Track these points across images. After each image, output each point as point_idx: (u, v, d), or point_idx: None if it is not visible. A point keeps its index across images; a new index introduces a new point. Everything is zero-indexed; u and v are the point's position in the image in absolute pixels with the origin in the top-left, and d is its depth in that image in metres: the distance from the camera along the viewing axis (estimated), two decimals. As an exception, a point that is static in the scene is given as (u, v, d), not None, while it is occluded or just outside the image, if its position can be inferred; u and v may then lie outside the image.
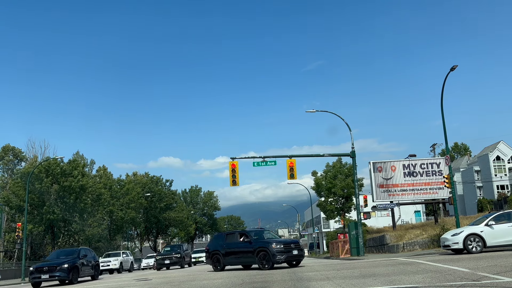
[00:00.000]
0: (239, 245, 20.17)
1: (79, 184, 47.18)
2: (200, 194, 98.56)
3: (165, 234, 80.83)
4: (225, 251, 20.53)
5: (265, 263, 18.31)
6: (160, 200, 72.44)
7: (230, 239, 21.00)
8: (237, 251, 20.18)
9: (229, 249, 20.47)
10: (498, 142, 76.88)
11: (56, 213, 45.13)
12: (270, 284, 11.49)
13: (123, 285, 16.72)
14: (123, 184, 65.03)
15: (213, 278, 15.61)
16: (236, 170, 29.45)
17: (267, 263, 18.23)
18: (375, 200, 33.76)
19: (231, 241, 20.84)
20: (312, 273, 14.20)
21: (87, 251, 23.87)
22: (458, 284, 8.63)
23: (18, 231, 39.72)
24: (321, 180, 46.61)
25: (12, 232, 49.57)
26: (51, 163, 46.49)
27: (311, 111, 31.76)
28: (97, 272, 24.04)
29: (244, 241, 20.08)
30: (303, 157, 33.28)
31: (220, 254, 20.67)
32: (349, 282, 10.55)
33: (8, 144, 59.74)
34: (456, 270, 11.37)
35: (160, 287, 13.84)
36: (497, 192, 71.78)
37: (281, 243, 18.72)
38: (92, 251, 24.95)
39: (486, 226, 18.03)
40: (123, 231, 63.93)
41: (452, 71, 23.39)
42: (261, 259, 18.53)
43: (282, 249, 18.43)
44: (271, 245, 18.48)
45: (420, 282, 9.36)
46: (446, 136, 24.69)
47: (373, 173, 33.89)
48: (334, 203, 46.17)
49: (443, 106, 24.64)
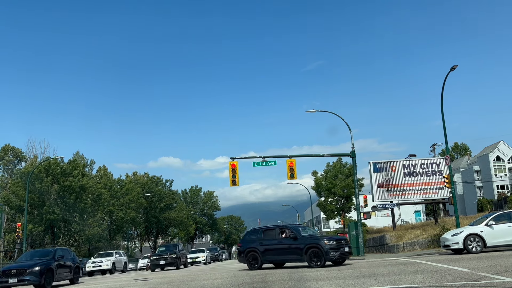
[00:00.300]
0: (282, 241, 18.69)
1: (79, 184, 47.20)
2: (200, 194, 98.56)
3: (165, 234, 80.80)
4: (264, 248, 19.02)
5: (317, 260, 17.23)
6: (160, 200, 72.42)
7: (269, 235, 19.43)
8: (279, 248, 18.71)
9: (269, 245, 18.97)
10: (498, 142, 76.88)
11: (56, 213, 45.14)
12: (270, 284, 11.50)
13: (123, 285, 16.72)
14: (123, 184, 65.04)
15: (213, 278, 15.61)
16: (236, 170, 29.46)
17: (319, 261, 17.18)
18: (375, 200, 33.77)
19: (270, 237, 19.27)
20: (312, 273, 14.20)
21: (65, 251, 21.57)
22: (458, 284, 8.63)
23: (18, 231, 39.77)
24: (321, 180, 46.63)
25: (12, 232, 49.58)
26: (51, 163, 46.51)
27: (311, 111, 31.77)
28: (77, 276, 21.60)
29: (287, 237, 18.69)
30: (303, 157, 33.31)
31: (258, 252, 19.15)
32: (349, 282, 10.55)
33: (8, 144, 59.75)
34: (456, 270, 11.37)
35: (160, 287, 13.84)
36: (497, 192, 71.77)
37: (333, 240, 17.77)
38: (71, 252, 22.51)
39: (486, 226, 18.03)
40: (123, 231, 63.92)
41: (452, 71, 23.40)
42: (312, 257, 17.38)
43: (335, 245, 17.48)
44: (323, 241, 17.46)
45: (420, 282, 9.36)
46: (446, 136, 24.70)
47: (373, 173, 33.89)
48: (334, 203, 46.18)
49: (443, 106, 24.65)
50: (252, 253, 19.40)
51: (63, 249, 21.95)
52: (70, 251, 22.46)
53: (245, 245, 19.99)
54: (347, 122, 30.48)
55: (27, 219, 39.75)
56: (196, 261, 42.15)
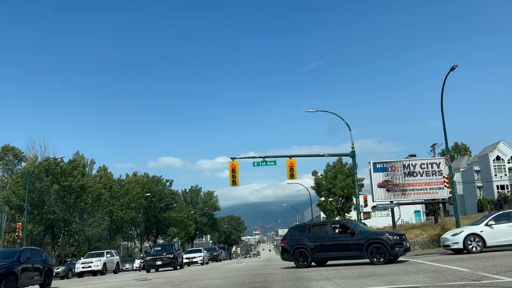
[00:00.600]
0: (337, 237, 17.60)
1: (79, 184, 47.21)
2: (200, 194, 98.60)
3: (165, 234, 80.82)
4: (315, 245, 17.79)
5: (380, 257, 16.27)
6: (160, 200, 72.42)
7: (319, 231, 18.26)
8: (332, 245, 17.57)
9: (320, 242, 17.77)
10: (498, 142, 76.88)
11: (56, 213, 45.15)
12: (270, 284, 11.49)
13: (123, 285, 16.71)
14: (123, 184, 65.04)
15: (213, 278, 15.61)
16: (236, 170, 29.47)
17: (382, 257, 16.22)
18: (375, 200, 33.78)
19: (321, 233, 18.12)
20: (312, 273, 14.20)
21: (34, 252, 19.09)
22: (458, 284, 8.62)
23: (18, 231, 39.74)
24: (321, 180, 46.66)
25: (12, 232, 49.55)
26: (51, 163, 46.50)
27: (311, 111, 31.79)
28: (48, 280, 19.03)
29: (343, 233, 17.71)
30: (303, 157, 33.32)
31: (307, 249, 17.88)
32: (349, 282, 10.55)
33: (8, 144, 59.76)
34: (456, 270, 11.37)
35: (160, 287, 13.83)
36: (497, 192, 71.77)
37: (396, 235, 16.86)
38: (42, 253, 19.87)
39: (486, 226, 18.02)
40: (123, 231, 63.92)
41: (452, 71, 23.39)
42: (374, 253, 16.41)
43: (398, 240, 16.57)
44: (386, 236, 16.56)
45: (420, 282, 9.35)
46: (446, 136, 24.69)
47: (373, 173, 33.89)
48: (334, 203, 46.21)
49: (443, 106, 24.65)
50: (301, 250, 18.09)
51: (32, 249, 19.75)
52: (40, 252, 19.93)
53: (291, 242, 18.59)
54: (347, 122, 30.49)
55: (27, 219, 39.72)
56: (193, 262, 40.82)
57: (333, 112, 31.52)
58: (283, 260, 19.60)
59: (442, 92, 24.54)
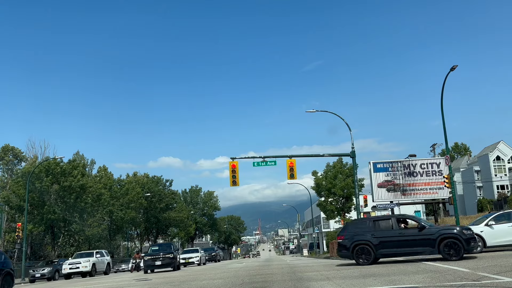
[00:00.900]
0: (404, 232, 16.70)
1: (79, 184, 47.21)
2: (200, 194, 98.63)
3: (165, 234, 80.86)
4: (379, 241, 16.78)
5: (454, 253, 15.44)
6: (160, 200, 72.44)
7: (382, 226, 17.21)
8: (399, 240, 16.60)
9: (385, 237, 16.76)
10: (498, 142, 76.88)
11: (57, 213, 45.15)
12: (270, 284, 11.49)
13: (123, 285, 16.70)
14: (123, 184, 65.05)
15: (213, 278, 15.60)
16: (236, 170, 29.48)
17: (457, 253, 15.38)
18: (375, 200, 33.79)
19: (384, 228, 17.11)
20: (312, 273, 14.19)
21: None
22: (458, 284, 8.62)
23: (18, 231, 39.71)
24: (321, 180, 46.64)
25: (12, 232, 49.56)
26: (51, 163, 46.51)
27: (311, 111, 31.80)
28: (8, 285, 17.06)
29: (410, 228, 17.06)
30: (303, 157, 33.34)
31: (371, 245, 16.86)
32: (349, 282, 10.54)
33: (8, 144, 59.78)
34: (456, 270, 11.37)
35: (160, 287, 13.82)
36: (497, 192, 71.78)
37: (468, 229, 16.10)
38: (1, 254, 17.44)
39: (486, 226, 18.03)
40: (123, 231, 63.91)
41: (452, 71, 23.41)
42: (448, 248, 15.55)
43: (472, 235, 15.78)
44: (459, 230, 15.78)
45: (420, 282, 9.35)
46: (446, 136, 24.71)
47: (373, 173, 33.90)
48: (334, 203, 46.19)
49: (443, 106, 24.65)
50: (363, 247, 16.98)
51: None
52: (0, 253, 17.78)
53: (351, 238, 17.38)
54: (347, 122, 30.50)
55: (27, 219, 39.71)
56: (189, 262, 39.69)
57: (333, 112, 31.56)
58: (341, 257, 18.46)
59: (442, 92, 24.55)
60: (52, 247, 48.99)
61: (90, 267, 32.87)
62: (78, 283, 23.23)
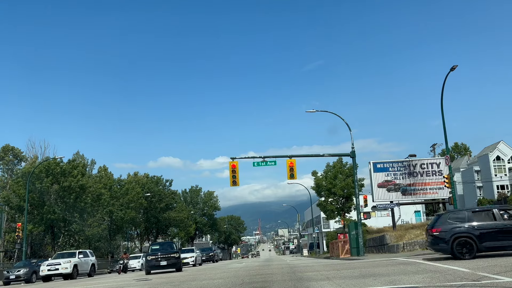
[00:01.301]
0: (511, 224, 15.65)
1: (79, 184, 47.21)
2: (200, 194, 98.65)
3: (165, 234, 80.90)
4: (481, 233, 15.56)
5: None
6: (160, 200, 72.45)
7: (483, 218, 16.04)
8: (506, 232, 15.54)
9: (489, 229, 15.60)
10: (498, 142, 76.90)
11: (57, 213, 45.14)
12: (270, 284, 11.49)
13: (123, 285, 16.71)
14: (123, 184, 65.07)
15: (213, 278, 15.61)
16: (236, 170, 29.49)
17: None
18: (375, 200, 33.83)
19: (486, 220, 15.95)
20: (312, 273, 14.20)
21: None
22: (458, 284, 8.62)
23: (18, 231, 39.79)
24: (321, 180, 46.64)
25: (12, 232, 49.61)
26: (51, 163, 46.53)
27: (311, 111, 31.83)
28: None
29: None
30: (303, 157, 33.37)
31: (473, 237, 15.57)
32: (349, 282, 10.54)
33: (8, 144, 59.86)
34: (456, 270, 11.37)
35: (160, 287, 13.83)
36: (497, 192, 71.80)
37: None
38: None
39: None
40: (123, 231, 63.92)
41: (452, 71, 23.43)
42: None
43: None
44: None
45: (420, 282, 9.35)
46: (446, 136, 24.73)
47: (373, 173, 33.95)
48: (334, 203, 46.19)
49: (443, 106, 24.66)
50: (464, 240, 15.65)
51: None
52: None
53: (451, 231, 15.98)
54: (347, 122, 30.51)
55: (27, 219, 39.72)
56: (184, 263, 36.50)
57: (333, 112, 31.58)
58: (436, 251, 17.14)
59: (442, 92, 24.57)
60: (52, 247, 48.98)
61: (71, 268, 29.98)
62: (79, 283, 23.19)
